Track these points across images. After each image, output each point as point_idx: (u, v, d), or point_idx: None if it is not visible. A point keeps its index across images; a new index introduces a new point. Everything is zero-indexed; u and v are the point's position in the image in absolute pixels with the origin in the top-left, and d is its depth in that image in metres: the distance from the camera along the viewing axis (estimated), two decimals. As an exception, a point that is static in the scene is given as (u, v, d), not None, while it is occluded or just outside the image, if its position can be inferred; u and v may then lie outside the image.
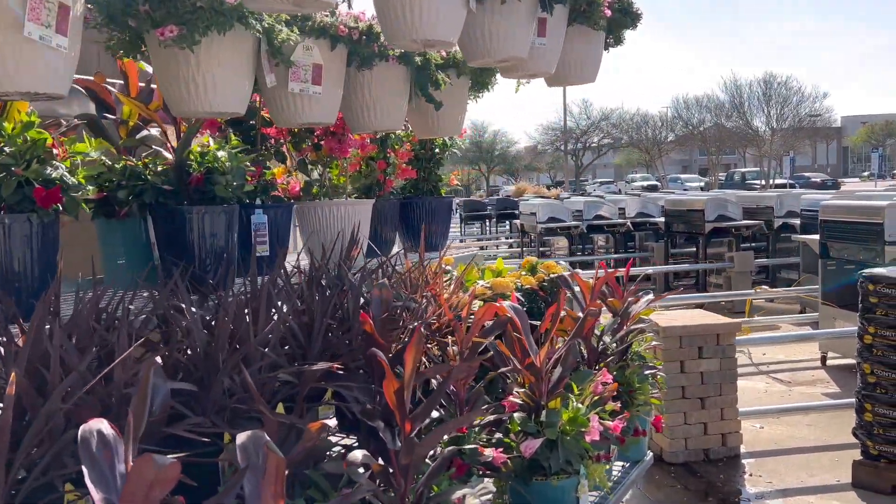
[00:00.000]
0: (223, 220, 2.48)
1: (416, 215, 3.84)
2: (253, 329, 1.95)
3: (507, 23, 2.46)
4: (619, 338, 3.33)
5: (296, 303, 2.27)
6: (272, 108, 2.56)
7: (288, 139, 3.13)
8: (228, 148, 2.47)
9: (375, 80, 2.78)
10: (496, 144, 59.65)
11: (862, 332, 3.87)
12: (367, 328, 2.08)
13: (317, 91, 2.43)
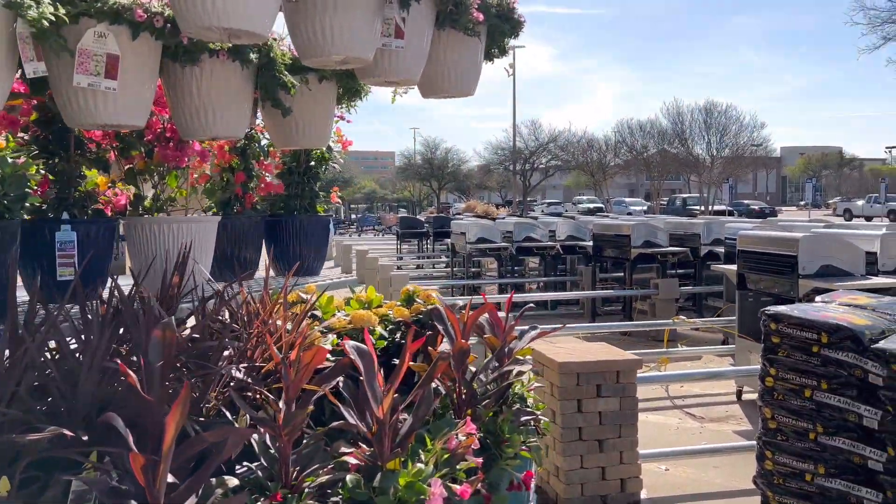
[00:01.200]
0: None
1: (285, 235, 3.46)
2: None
3: (345, 18, 2.11)
4: (495, 379, 3.00)
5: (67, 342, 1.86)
6: (59, 106, 2.15)
7: (114, 144, 2.72)
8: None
9: (206, 79, 2.40)
10: (448, 162, 59.67)
11: (764, 373, 3.61)
12: (129, 380, 1.68)
13: (110, 86, 2.03)
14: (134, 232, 2.67)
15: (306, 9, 2.08)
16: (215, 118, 2.46)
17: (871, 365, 3.22)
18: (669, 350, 6.87)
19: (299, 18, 2.11)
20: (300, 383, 2.18)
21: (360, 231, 35.07)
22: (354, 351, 2.34)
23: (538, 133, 47.20)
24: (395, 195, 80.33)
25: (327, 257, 4.03)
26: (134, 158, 2.77)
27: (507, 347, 3.07)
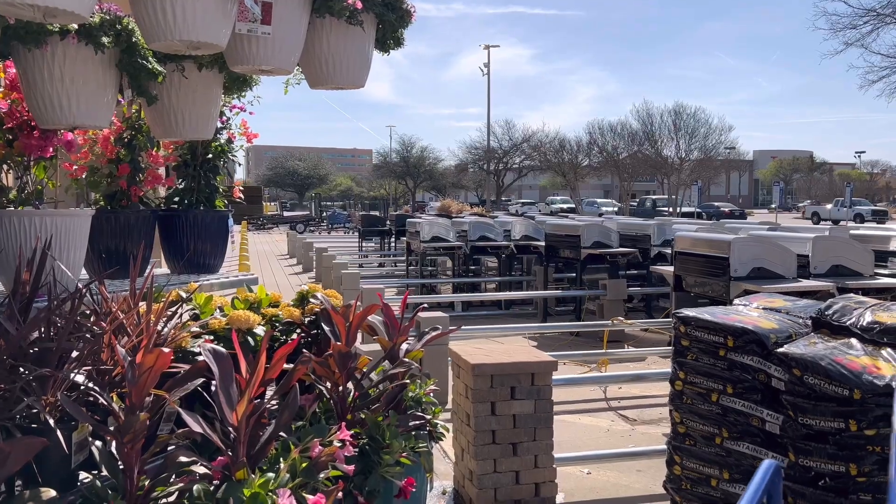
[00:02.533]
0: None
1: (180, 231, 3.32)
2: None
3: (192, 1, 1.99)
4: (382, 381, 2.89)
5: None
6: None
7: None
8: None
9: (58, 64, 2.26)
10: (424, 160, 59.53)
11: (673, 377, 3.56)
12: None
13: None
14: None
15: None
16: (70, 105, 2.33)
17: (774, 369, 3.17)
18: (610, 351, 6.81)
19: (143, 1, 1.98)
20: (143, 388, 2.05)
21: (330, 229, 34.78)
22: (210, 354, 2.21)
23: (512, 133, 47.27)
24: (371, 193, 79.97)
25: (289, 253, 3.88)
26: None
27: (397, 349, 2.96)
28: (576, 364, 7.47)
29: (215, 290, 3.25)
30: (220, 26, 2.07)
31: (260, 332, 2.75)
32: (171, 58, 2.55)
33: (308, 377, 2.68)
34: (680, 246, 5.85)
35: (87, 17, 1.78)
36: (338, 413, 2.72)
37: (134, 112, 2.97)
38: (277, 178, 78.45)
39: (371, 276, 14.12)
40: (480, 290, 11.34)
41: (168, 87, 2.64)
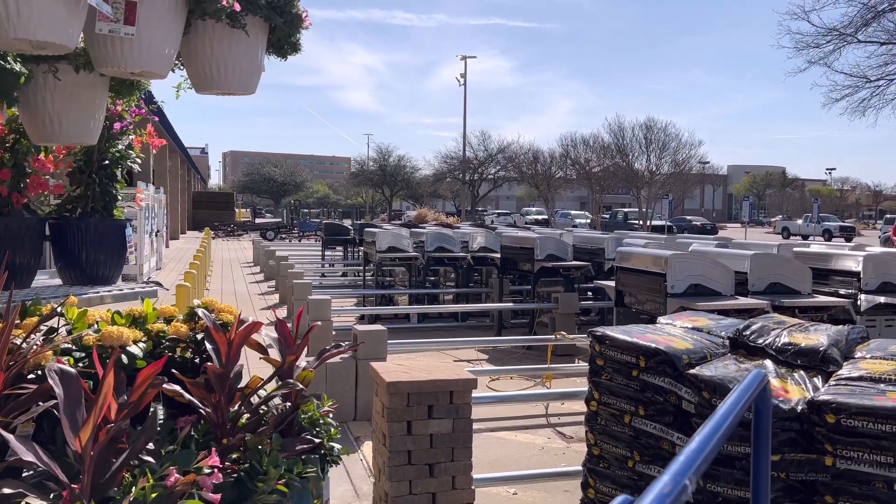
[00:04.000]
0: None
1: (72, 239, 3.16)
2: None
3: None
4: (264, 402, 2.75)
5: None
6: None
7: None
8: None
9: None
10: (401, 169, 59.47)
11: (589, 397, 3.46)
12: None
13: None
14: None
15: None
16: (-84, 106, 2.18)
17: (685, 391, 3.08)
18: (555, 366, 6.71)
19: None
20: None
21: (301, 237, 34.46)
22: (56, 374, 2.06)
23: (487, 143, 47.35)
24: (348, 201, 79.72)
25: (254, 261, 3.71)
26: None
27: (288, 368, 2.82)
28: (524, 378, 7.38)
29: (107, 303, 3.09)
30: (65, 24, 1.94)
31: (136, 349, 2.59)
32: (42, 58, 2.41)
33: (181, 398, 2.52)
34: (620, 261, 5.79)
35: (71, 48, 1.65)
36: (217, 437, 2.57)
37: (17, 114, 2.82)
38: (253, 185, 77.96)
39: (331, 285, 13.94)
40: (438, 301, 11.22)
41: (42, 89, 2.49)
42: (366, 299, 11.46)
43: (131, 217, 3.35)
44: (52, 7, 1.85)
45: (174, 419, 2.70)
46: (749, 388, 1.68)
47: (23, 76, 2.34)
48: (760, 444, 1.94)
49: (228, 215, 43.71)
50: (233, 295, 13.09)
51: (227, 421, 2.63)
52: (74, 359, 2.49)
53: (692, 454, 1.30)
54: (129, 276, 11.43)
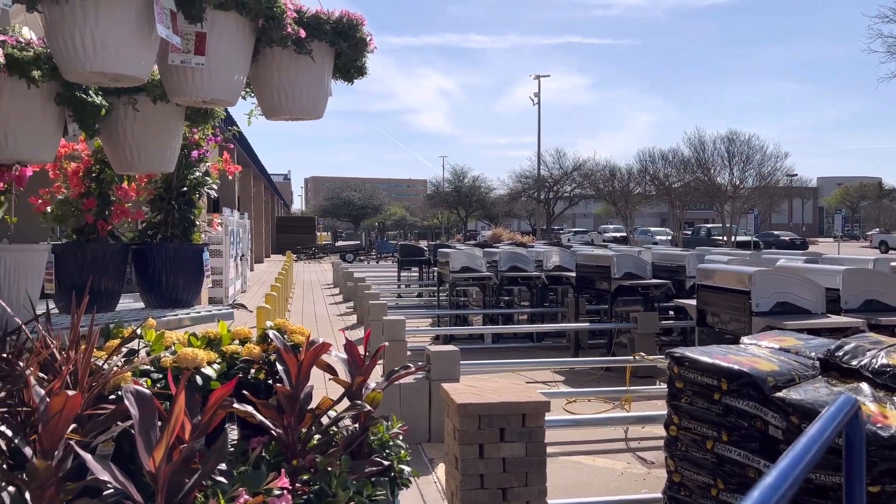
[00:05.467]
0: None
1: (153, 264, 3.28)
2: None
3: (98, 30, 1.94)
4: (333, 423, 2.75)
5: None
6: None
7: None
8: None
9: (3, 99, 2.25)
10: (475, 190, 59.75)
11: (668, 421, 3.31)
12: None
13: None
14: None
15: (62, 17, 1.92)
16: (8, 140, 2.31)
17: (771, 415, 2.90)
18: (634, 388, 6.49)
19: (53, 29, 1.95)
20: (54, 432, 1.97)
21: (379, 258, 34.99)
22: (132, 395, 2.12)
23: (562, 161, 46.94)
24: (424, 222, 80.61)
25: (334, 283, 3.81)
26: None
27: (358, 390, 2.82)
28: (602, 401, 7.18)
29: (185, 325, 3.19)
30: (138, 57, 2.02)
31: (210, 371, 2.65)
32: (122, 91, 2.52)
33: (253, 419, 2.56)
34: (702, 278, 5.56)
35: (144, 79, 1.77)
36: (287, 458, 2.59)
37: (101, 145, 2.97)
38: (333, 209, 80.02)
39: (407, 306, 14.04)
40: (513, 321, 11.10)
41: (122, 121, 2.61)
42: (440, 319, 11.47)
43: (209, 242, 3.46)
44: (125, 41, 1.93)
45: (247, 440, 2.74)
46: (837, 413, 1.55)
47: (104, 108, 2.45)
48: (853, 474, 1.79)
49: (310, 239, 44.90)
50: (313, 316, 13.37)
51: (298, 442, 2.65)
52: (152, 380, 2.56)
53: (772, 485, 1.20)
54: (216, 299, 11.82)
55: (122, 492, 2.09)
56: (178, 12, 2.07)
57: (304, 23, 2.45)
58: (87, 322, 2.60)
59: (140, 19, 1.97)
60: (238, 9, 2.21)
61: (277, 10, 2.28)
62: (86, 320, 2.53)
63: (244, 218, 17.41)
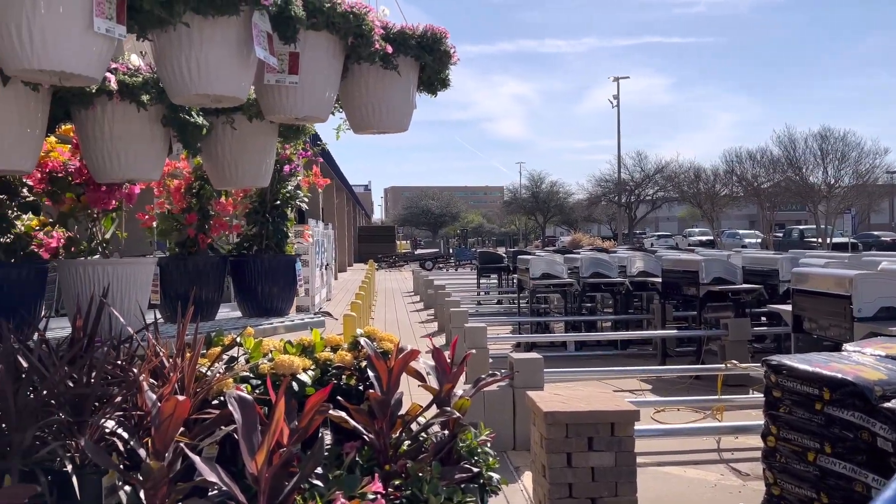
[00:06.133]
0: None
1: (249, 275, 3.43)
2: None
3: (202, 55, 2.05)
4: (423, 429, 2.80)
5: None
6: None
7: (46, 188, 2.79)
8: None
9: (107, 122, 2.42)
10: (553, 195, 59.23)
11: (765, 432, 3.19)
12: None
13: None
14: (65, 274, 2.71)
15: (170, 45, 2.04)
16: (120, 160, 2.48)
17: (879, 427, 2.75)
18: (727, 397, 6.27)
19: (162, 56, 2.08)
20: (165, 435, 2.09)
21: (458, 265, 35.14)
22: (235, 401, 2.23)
23: (644, 164, 45.91)
24: (502, 229, 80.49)
25: (414, 290, 3.94)
26: (65, 202, 2.84)
27: (447, 396, 2.86)
28: (692, 410, 6.97)
29: (280, 333, 3.32)
30: (238, 79, 2.13)
31: (305, 377, 2.75)
32: (220, 111, 2.66)
33: (347, 424, 2.63)
34: (797, 283, 5.33)
35: (97, 80, 1.89)
36: (379, 462, 2.65)
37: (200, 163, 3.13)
38: (412, 218, 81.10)
39: (487, 313, 14.04)
40: (596, 328, 10.93)
41: (220, 139, 2.75)
42: (521, 327, 11.42)
43: (301, 252, 3.59)
44: (226, 64, 2.04)
45: (340, 444, 2.82)
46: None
47: (204, 128, 2.60)
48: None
49: (390, 247, 45.62)
50: (395, 323, 13.57)
51: (389, 447, 2.71)
52: (252, 386, 2.68)
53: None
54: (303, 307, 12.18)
55: (228, 493, 2.19)
56: (273, 34, 2.17)
57: (391, 39, 2.52)
58: (191, 330, 2.74)
59: (240, 43, 2.08)
60: (329, 28, 2.30)
61: (366, 27, 2.36)
62: (189, 329, 2.67)
63: (328, 228, 17.88)
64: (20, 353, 2.19)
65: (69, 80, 1.92)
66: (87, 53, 1.81)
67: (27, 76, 1.93)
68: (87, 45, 1.80)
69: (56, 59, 1.75)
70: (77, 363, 2.28)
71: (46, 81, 2.03)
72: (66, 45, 1.75)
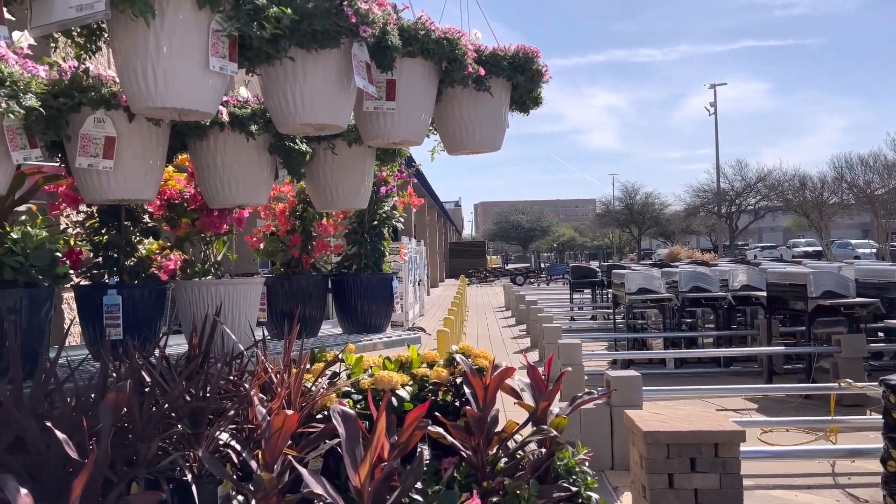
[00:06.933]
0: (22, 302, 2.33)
1: (349, 293, 3.55)
2: None
3: (307, 86, 2.16)
4: (520, 447, 2.80)
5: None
6: (77, 184, 2.43)
7: (164, 214, 3.00)
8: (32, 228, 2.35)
9: (220, 151, 2.58)
10: (648, 207, 57.85)
11: (885, 456, 3.00)
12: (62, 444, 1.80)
13: (107, 166, 2.26)
14: (182, 294, 2.90)
15: (276, 78, 2.17)
16: (231, 187, 2.63)
17: None
18: (841, 418, 5.91)
19: (268, 89, 2.21)
20: (274, 447, 2.20)
21: (549, 280, 34.80)
22: (338, 416, 2.31)
23: (744, 172, 44.09)
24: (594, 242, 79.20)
25: (505, 305, 4.02)
26: (181, 226, 3.04)
27: (544, 414, 2.85)
28: (802, 431, 6.60)
29: (379, 349, 3.41)
30: (339, 108, 2.23)
31: (404, 393, 2.81)
32: (322, 137, 2.79)
33: (444, 440, 2.67)
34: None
35: (212, 115, 2.04)
36: (476, 479, 2.68)
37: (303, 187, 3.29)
38: (502, 232, 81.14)
39: (581, 329, 13.83)
40: (697, 344, 10.55)
41: (322, 164, 2.88)
42: (617, 343, 11.18)
43: (397, 270, 3.70)
44: (329, 94, 2.15)
45: (437, 460, 2.86)
46: None
47: (308, 154, 2.73)
48: None
49: (481, 263, 45.77)
50: (487, 339, 13.59)
51: (486, 464, 2.73)
52: (353, 401, 2.77)
53: None
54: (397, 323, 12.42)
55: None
56: (371, 63, 2.27)
57: (483, 61, 2.57)
58: (295, 347, 2.86)
59: (340, 74, 2.18)
60: (424, 54, 2.37)
61: (459, 52, 2.42)
62: (294, 345, 2.79)
63: (420, 245, 18.16)
64: (144, 368, 2.35)
65: (188, 116, 2.08)
66: (204, 90, 1.96)
67: (151, 113, 2.10)
68: (203, 83, 1.95)
69: (177, 97, 1.91)
70: (194, 378, 2.43)
71: (167, 117, 2.20)
72: (185, 84, 1.90)
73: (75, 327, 3.49)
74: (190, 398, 2.35)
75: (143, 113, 2.10)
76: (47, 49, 2.61)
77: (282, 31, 1.93)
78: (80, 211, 2.77)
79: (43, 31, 1.78)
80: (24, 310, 2.31)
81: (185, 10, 1.86)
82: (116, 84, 2.25)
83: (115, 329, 2.70)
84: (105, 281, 2.73)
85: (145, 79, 1.88)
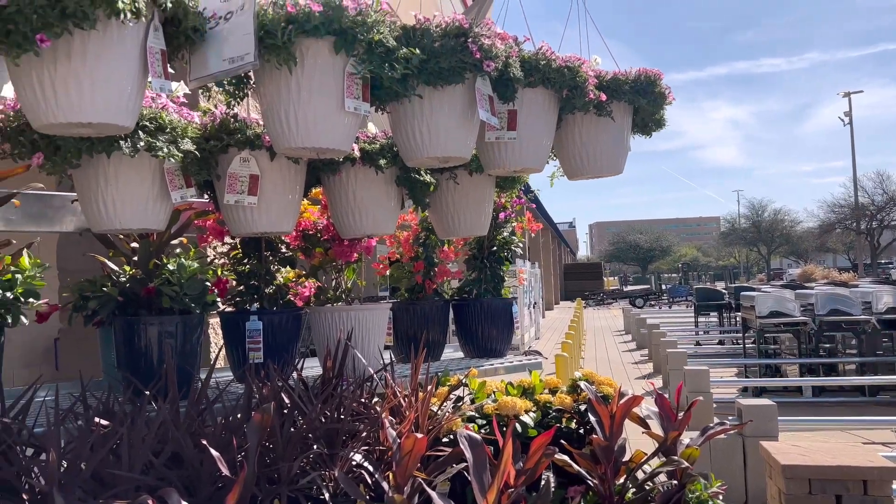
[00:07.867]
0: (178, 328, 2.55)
1: (470, 318, 3.62)
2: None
3: (433, 121, 2.25)
4: (649, 478, 2.73)
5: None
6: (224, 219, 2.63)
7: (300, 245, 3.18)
8: (187, 259, 2.57)
9: (350, 184, 2.72)
10: (777, 224, 54.80)
11: None
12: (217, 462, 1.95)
13: (252, 202, 2.43)
14: (316, 320, 3.07)
15: (404, 115, 2.27)
16: (362, 218, 2.76)
17: None
18: None
19: (397, 125, 2.32)
20: (405, 470, 2.27)
21: (671, 303, 33.53)
22: (465, 440, 2.35)
23: (886, 185, 40.86)
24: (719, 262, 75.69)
25: (625, 329, 4.01)
26: (315, 256, 3.21)
27: (674, 444, 2.77)
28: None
29: (500, 374, 3.44)
30: (463, 140, 2.31)
31: (527, 419, 2.82)
32: (445, 168, 2.88)
33: (570, 468, 2.65)
34: None
35: (347, 152, 2.18)
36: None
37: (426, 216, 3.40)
38: (619, 253, 79.17)
39: (707, 354, 13.22)
40: (837, 371, 9.82)
41: (444, 193, 2.97)
42: (748, 369, 10.59)
43: (516, 294, 3.72)
44: (453, 127, 2.23)
45: (562, 488, 2.84)
46: None
47: (432, 185, 2.83)
48: None
49: (597, 284, 44.83)
50: (606, 363, 13.27)
51: (614, 494, 2.68)
52: (478, 426, 2.81)
53: None
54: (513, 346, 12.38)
55: (461, 529, 2.31)
56: (493, 94, 2.33)
57: (604, 86, 2.58)
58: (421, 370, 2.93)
59: (464, 107, 2.26)
60: (544, 83, 2.41)
61: (580, 79, 2.43)
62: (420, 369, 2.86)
63: (535, 267, 18.08)
64: (284, 391, 2.49)
65: (325, 154, 2.23)
66: (340, 130, 2.09)
67: (291, 153, 2.27)
68: (339, 123, 2.08)
69: (315, 137, 2.05)
70: (329, 401, 2.55)
71: (306, 156, 2.36)
72: (323, 125, 2.04)
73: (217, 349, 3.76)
74: (325, 419, 2.47)
75: (284, 153, 2.26)
76: (198, 95, 2.87)
77: (411, 70, 2.04)
78: (225, 243, 3.00)
79: (200, 83, 1.97)
80: (179, 336, 2.52)
81: (323, 56, 2.00)
82: (259, 126, 2.44)
83: (257, 353, 2.88)
84: (247, 308, 2.93)
85: (287, 121, 2.04)
